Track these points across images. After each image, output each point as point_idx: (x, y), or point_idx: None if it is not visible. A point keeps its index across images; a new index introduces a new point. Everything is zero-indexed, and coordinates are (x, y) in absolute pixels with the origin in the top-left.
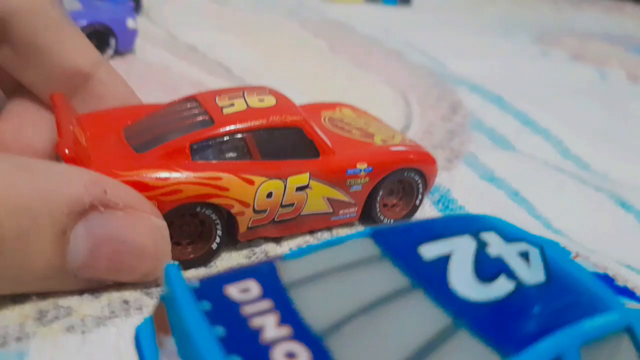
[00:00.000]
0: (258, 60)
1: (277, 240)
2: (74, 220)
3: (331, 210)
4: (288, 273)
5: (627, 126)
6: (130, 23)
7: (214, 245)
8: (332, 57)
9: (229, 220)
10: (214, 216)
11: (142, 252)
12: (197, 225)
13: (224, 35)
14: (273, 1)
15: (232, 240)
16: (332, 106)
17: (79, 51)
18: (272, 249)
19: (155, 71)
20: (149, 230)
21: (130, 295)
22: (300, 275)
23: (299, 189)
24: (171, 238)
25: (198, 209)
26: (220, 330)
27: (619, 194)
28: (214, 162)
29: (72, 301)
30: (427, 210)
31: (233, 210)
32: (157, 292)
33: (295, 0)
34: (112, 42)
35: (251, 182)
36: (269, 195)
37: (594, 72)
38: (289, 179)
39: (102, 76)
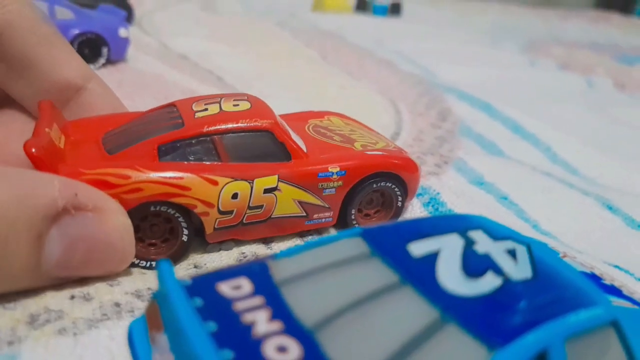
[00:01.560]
0: (249, 69)
1: (267, 242)
2: (48, 224)
3: (304, 214)
4: (279, 271)
5: (614, 132)
6: (122, 32)
7: (184, 238)
8: (324, 66)
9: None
10: (171, 210)
11: (111, 249)
12: (164, 224)
13: (215, 44)
14: (264, 11)
15: (204, 241)
16: (320, 115)
17: (69, 64)
18: (263, 252)
19: (148, 80)
20: (116, 228)
21: (121, 298)
22: (292, 273)
23: (267, 190)
24: (143, 240)
25: (152, 208)
26: (212, 325)
27: (607, 197)
28: (180, 163)
29: (64, 305)
30: (417, 213)
31: (196, 210)
32: (148, 294)
33: (287, 10)
34: (105, 51)
35: (214, 183)
36: (234, 196)
37: (582, 81)
38: (256, 181)
39: (92, 88)
